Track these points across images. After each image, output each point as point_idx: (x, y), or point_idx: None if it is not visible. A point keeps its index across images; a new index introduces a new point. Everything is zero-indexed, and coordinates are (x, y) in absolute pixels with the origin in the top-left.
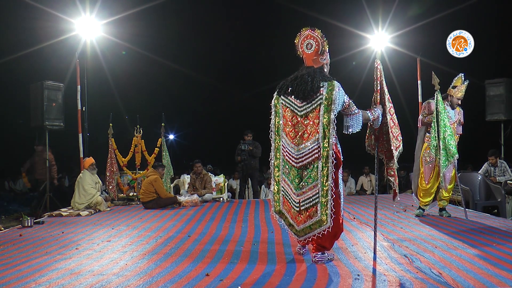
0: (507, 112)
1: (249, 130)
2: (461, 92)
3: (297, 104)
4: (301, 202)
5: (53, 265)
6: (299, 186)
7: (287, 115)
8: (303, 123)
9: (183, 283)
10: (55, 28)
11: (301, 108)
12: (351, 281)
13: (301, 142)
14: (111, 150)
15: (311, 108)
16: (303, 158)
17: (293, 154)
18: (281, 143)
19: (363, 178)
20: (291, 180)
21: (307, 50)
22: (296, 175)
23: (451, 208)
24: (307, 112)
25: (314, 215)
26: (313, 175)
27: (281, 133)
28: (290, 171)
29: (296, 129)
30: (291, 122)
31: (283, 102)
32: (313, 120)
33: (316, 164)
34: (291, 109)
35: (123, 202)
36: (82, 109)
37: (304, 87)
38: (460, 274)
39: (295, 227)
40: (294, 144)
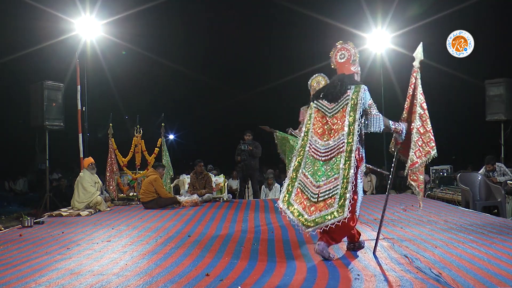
0: (507, 112)
1: (249, 130)
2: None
3: (327, 106)
4: (319, 194)
5: (53, 265)
6: (321, 178)
7: (317, 116)
8: (331, 122)
9: (183, 283)
10: (55, 28)
11: (331, 109)
12: (351, 281)
13: (328, 139)
14: (111, 150)
15: (339, 108)
16: (329, 152)
17: (319, 149)
18: (308, 142)
19: (363, 178)
20: (313, 173)
21: (339, 59)
22: (319, 168)
23: (451, 208)
24: (335, 112)
25: (331, 206)
26: (335, 168)
27: (309, 132)
28: (313, 166)
29: (324, 128)
30: (320, 122)
31: (315, 105)
32: (340, 119)
33: (339, 158)
34: (322, 111)
35: (123, 202)
36: (82, 109)
37: (333, 90)
38: (460, 274)
39: (305, 216)
40: (321, 141)
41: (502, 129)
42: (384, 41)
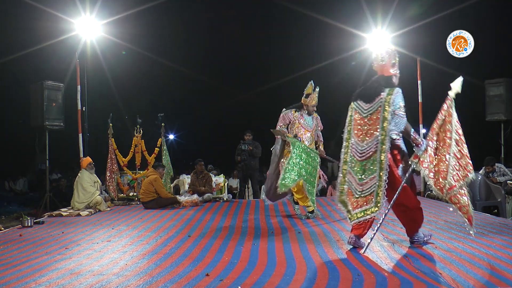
0: (507, 112)
1: (249, 130)
2: (314, 100)
3: (363, 107)
4: (362, 191)
5: (53, 265)
6: (362, 177)
7: (356, 117)
8: (367, 123)
9: (183, 283)
10: (55, 28)
11: (366, 110)
12: (351, 281)
13: (364, 139)
14: (111, 150)
15: (374, 109)
16: (365, 152)
17: (358, 149)
18: (350, 142)
19: None
20: (356, 172)
21: (380, 62)
22: (360, 168)
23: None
24: (370, 113)
25: (369, 202)
26: (373, 167)
27: (351, 133)
28: (355, 165)
29: (361, 129)
30: (358, 123)
31: (354, 106)
32: (374, 120)
33: (375, 157)
34: (359, 112)
35: (123, 202)
36: (82, 109)
37: (368, 91)
38: (460, 274)
39: (351, 212)
40: (359, 141)
41: (502, 129)
42: (384, 41)
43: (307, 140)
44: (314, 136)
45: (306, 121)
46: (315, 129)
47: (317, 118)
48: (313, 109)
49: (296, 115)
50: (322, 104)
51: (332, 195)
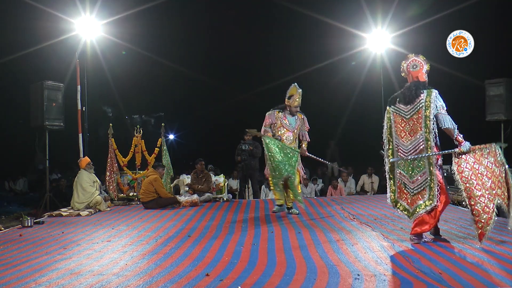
0: (507, 112)
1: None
2: (296, 101)
3: (404, 109)
4: (414, 188)
5: (53, 265)
6: (412, 174)
7: (398, 120)
8: (409, 123)
9: (183, 283)
10: (55, 28)
11: (407, 112)
12: (351, 281)
13: (409, 139)
14: (111, 150)
15: (415, 110)
16: (412, 151)
17: (404, 149)
18: (394, 143)
19: (365, 178)
20: (406, 171)
21: (412, 69)
22: (409, 166)
23: (451, 208)
24: (412, 114)
25: (423, 197)
26: (421, 164)
27: (393, 135)
28: (404, 164)
29: (404, 130)
30: (400, 125)
31: (393, 110)
32: (416, 120)
33: (423, 154)
34: (400, 115)
35: (123, 202)
36: (82, 109)
37: (409, 94)
38: (460, 274)
39: (410, 210)
40: (404, 141)
41: (502, 129)
42: (384, 41)
43: (288, 140)
44: (297, 136)
45: (289, 121)
46: (299, 129)
47: (302, 119)
48: (295, 110)
49: (279, 115)
50: (322, 104)
51: (332, 195)
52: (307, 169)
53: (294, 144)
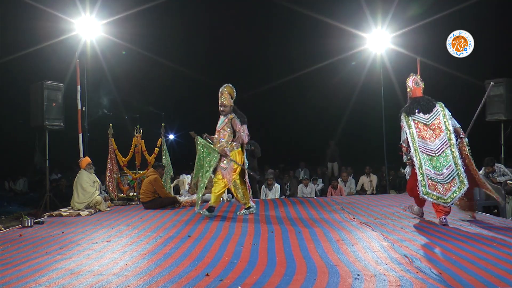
0: (507, 112)
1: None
2: (220, 99)
3: (424, 117)
4: (443, 179)
5: (53, 265)
6: (439, 168)
7: (420, 126)
8: (430, 128)
9: (183, 283)
10: (55, 28)
11: (428, 119)
12: (351, 281)
13: (434, 140)
14: (111, 150)
15: (434, 117)
16: (440, 148)
17: (431, 148)
18: (417, 145)
19: (364, 178)
20: (433, 166)
21: (416, 85)
22: (437, 161)
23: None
24: (432, 120)
25: (454, 185)
26: (448, 158)
27: (416, 139)
28: (430, 161)
29: (428, 133)
30: (423, 129)
31: (414, 119)
32: (437, 125)
33: (448, 151)
34: (421, 122)
35: (123, 202)
36: (82, 109)
37: (427, 106)
38: (460, 274)
39: (443, 198)
40: (430, 142)
41: (502, 129)
42: (384, 41)
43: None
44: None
45: (219, 122)
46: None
47: (232, 120)
48: (220, 109)
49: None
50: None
51: (332, 195)
52: (307, 169)
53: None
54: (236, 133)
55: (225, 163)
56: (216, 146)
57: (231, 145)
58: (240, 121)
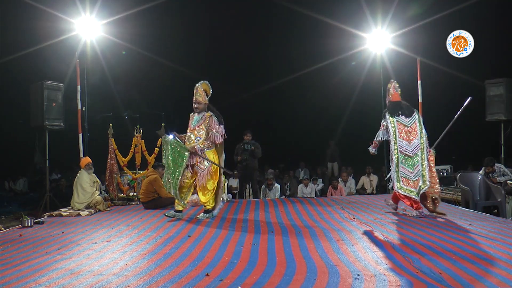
0: (507, 112)
1: (249, 130)
2: (194, 96)
3: (405, 120)
4: (413, 176)
5: (53, 265)
6: (412, 166)
7: (401, 127)
8: (410, 131)
9: (183, 283)
10: (55, 28)
11: (408, 122)
12: (351, 281)
13: (411, 142)
14: (111, 150)
15: (413, 121)
16: (414, 149)
17: (408, 149)
18: (398, 145)
19: (364, 178)
20: (408, 165)
21: (396, 91)
22: (412, 161)
23: (451, 208)
24: (411, 124)
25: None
26: (416, 159)
27: (397, 138)
28: (406, 160)
29: (407, 134)
30: (403, 131)
31: (397, 120)
32: (414, 129)
33: (419, 153)
34: (403, 123)
35: (123, 202)
36: (82, 109)
37: (407, 110)
38: (460, 274)
39: (414, 191)
40: (408, 143)
41: (502, 129)
42: (384, 41)
43: (189, 139)
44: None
45: (193, 120)
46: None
47: (209, 118)
48: (194, 106)
49: (192, 115)
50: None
51: (332, 195)
52: (307, 169)
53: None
54: (209, 132)
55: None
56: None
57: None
58: (218, 121)
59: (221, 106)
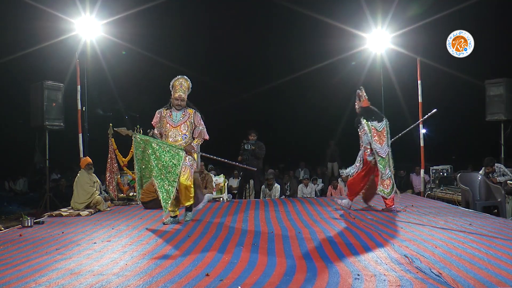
0: (507, 112)
1: (254, 130)
2: (177, 92)
3: (378, 125)
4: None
5: (53, 265)
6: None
7: (374, 131)
8: (380, 135)
9: (183, 283)
10: (55, 28)
11: (379, 127)
12: (351, 281)
13: (384, 144)
14: (111, 150)
15: (383, 126)
16: (385, 152)
17: (381, 151)
18: (374, 147)
19: None
20: (382, 165)
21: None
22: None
23: (451, 208)
24: (382, 128)
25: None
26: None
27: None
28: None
29: (380, 138)
30: (376, 135)
31: (372, 124)
32: (382, 133)
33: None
34: (375, 128)
35: (123, 202)
36: (82, 109)
37: (378, 116)
38: (460, 274)
39: (386, 191)
40: (381, 146)
41: (502, 129)
42: (384, 41)
43: (173, 137)
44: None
45: (174, 117)
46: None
47: (194, 114)
48: (176, 102)
49: (166, 112)
50: (322, 104)
51: (332, 195)
52: (307, 169)
53: (180, 142)
54: (196, 128)
55: (189, 159)
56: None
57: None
58: (201, 117)
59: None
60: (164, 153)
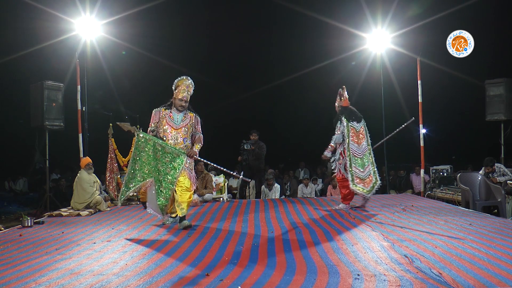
0: (507, 112)
1: (255, 130)
2: (181, 93)
3: (356, 125)
4: (364, 175)
5: (53, 265)
6: (362, 166)
7: (352, 132)
8: (358, 135)
9: (183, 283)
10: (55, 28)
11: (358, 127)
12: (351, 281)
13: (360, 144)
14: (111, 150)
15: (362, 126)
16: (362, 151)
17: (358, 151)
18: (350, 147)
19: None
20: (359, 165)
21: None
22: (362, 162)
23: (451, 208)
24: (360, 128)
25: (372, 180)
26: (366, 160)
27: (350, 142)
28: (356, 161)
29: (358, 138)
30: (354, 134)
31: (351, 125)
32: (361, 132)
33: (367, 154)
34: (354, 128)
35: (123, 202)
36: (82, 109)
37: (358, 116)
38: (460, 274)
39: (366, 189)
40: (358, 146)
41: (502, 129)
42: (384, 41)
43: (174, 139)
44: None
45: (175, 118)
46: (190, 128)
47: (194, 117)
48: (180, 103)
49: (165, 112)
50: (323, 104)
51: (332, 195)
52: (307, 169)
53: (181, 145)
54: (196, 133)
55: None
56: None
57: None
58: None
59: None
60: (165, 154)
